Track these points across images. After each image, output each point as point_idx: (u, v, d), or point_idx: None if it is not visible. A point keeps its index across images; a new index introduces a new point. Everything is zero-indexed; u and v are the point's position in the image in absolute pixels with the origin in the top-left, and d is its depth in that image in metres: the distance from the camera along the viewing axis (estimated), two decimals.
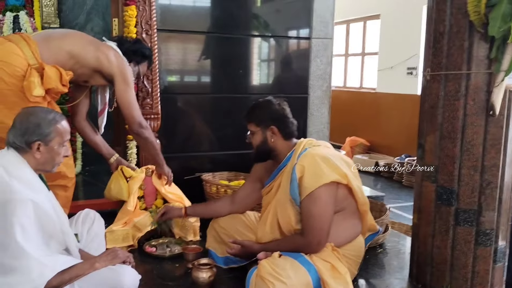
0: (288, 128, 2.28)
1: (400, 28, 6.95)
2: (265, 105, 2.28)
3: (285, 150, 2.28)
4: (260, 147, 2.29)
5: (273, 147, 2.28)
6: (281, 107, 2.27)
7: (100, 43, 2.63)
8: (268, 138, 2.26)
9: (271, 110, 2.26)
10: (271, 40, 3.74)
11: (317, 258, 2.07)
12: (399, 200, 5.39)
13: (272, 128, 2.25)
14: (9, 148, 1.85)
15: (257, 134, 2.28)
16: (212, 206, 2.67)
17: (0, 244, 1.69)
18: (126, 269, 1.91)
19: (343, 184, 2.16)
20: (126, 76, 2.58)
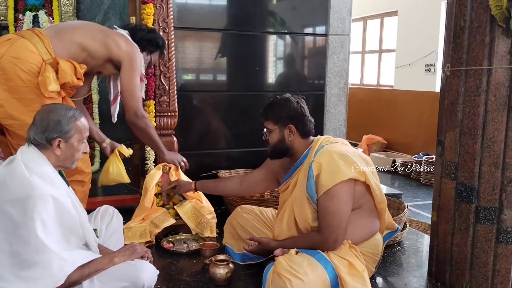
0: (306, 126, 2.26)
1: (418, 25, 6.87)
2: (283, 103, 2.26)
3: (302, 148, 2.27)
4: (277, 145, 2.28)
5: (290, 146, 2.27)
6: (299, 105, 2.26)
7: (110, 31, 2.62)
8: (286, 136, 2.25)
9: (289, 108, 2.24)
10: (287, 37, 3.72)
11: (334, 255, 2.06)
12: (417, 199, 5.34)
13: (290, 126, 2.23)
14: (30, 144, 1.87)
15: (274, 133, 2.27)
16: (220, 184, 2.73)
17: (22, 239, 1.72)
18: (144, 264, 1.93)
19: (361, 182, 2.15)
20: (133, 62, 2.55)
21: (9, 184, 1.77)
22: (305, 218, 2.17)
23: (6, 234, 1.73)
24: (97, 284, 1.82)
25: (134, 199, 3.02)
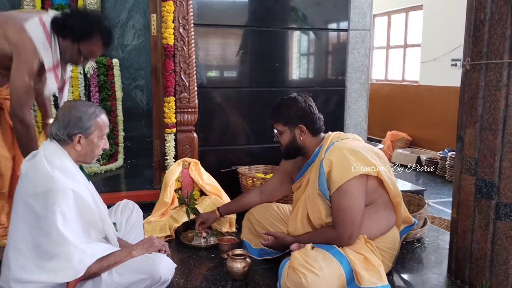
0: (315, 124, 2.26)
1: (444, 19, 6.73)
2: (291, 103, 2.26)
3: (314, 146, 2.27)
4: (289, 146, 2.29)
5: (302, 145, 2.27)
6: (307, 103, 2.26)
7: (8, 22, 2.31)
8: (297, 136, 2.26)
9: (297, 108, 2.24)
10: (307, 32, 3.71)
11: (350, 250, 2.06)
12: (441, 196, 5.25)
13: (300, 126, 2.24)
14: (52, 140, 1.93)
15: (285, 134, 2.28)
16: (242, 202, 2.70)
17: (44, 231, 1.78)
18: (161, 257, 1.97)
19: (373, 176, 2.13)
20: (20, 54, 2.25)
21: (32, 178, 1.84)
22: (318, 215, 2.18)
23: (29, 226, 1.80)
24: (116, 276, 1.87)
25: (154, 195, 3.07)
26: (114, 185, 3.94)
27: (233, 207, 2.72)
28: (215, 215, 2.69)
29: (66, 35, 2.30)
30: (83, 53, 2.36)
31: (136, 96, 6.20)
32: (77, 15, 2.34)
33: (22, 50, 2.25)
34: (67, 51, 2.36)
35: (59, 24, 2.29)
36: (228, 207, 2.72)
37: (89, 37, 2.32)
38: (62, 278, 1.76)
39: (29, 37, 2.24)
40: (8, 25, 2.28)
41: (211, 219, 2.69)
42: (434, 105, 6.98)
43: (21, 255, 1.79)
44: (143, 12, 5.97)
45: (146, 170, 4.18)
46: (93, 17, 2.37)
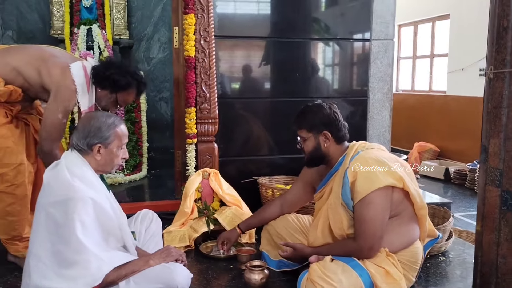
0: (340, 131, 2.23)
1: (471, 28, 6.60)
2: (316, 110, 2.24)
3: (338, 154, 2.23)
4: (313, 153, 2.25)
5: (326, 152, 2.24)
6: (332, 110, 2.23)
7: (52, 58, 2.44)
8: (321, 143, 2.22)
9: (322, 115, 2.21)
10: (329, 42, 3.70)
11: (370, 263, 2.01)
12: (470, 209, 5.10)
13: (325, 133, 2.21)
14: (73, 149, 1.97)
15: (309, 140, 2.25)
16: (262, 216, 2.62)
17: (63, 239, 1.81)
18: (178, 267, 1.98)
19: (399, 188, 2.08)
20: (58, 94, 2.35)
21: (53, 187, 1.88)
22: (340, 226, 2.14)
23: (49, 234, 1.83)
24: (133, 285, 1.89)
25: (176, 205, 3.09)
26: (137, 195, 4.00)
27: (254, 222, 2.66)
28: (236, 233, 2.62)
29: (106, 86, 2.46)
30: (119, 101, 2.52)
31: (161, 107, 6.31)
32: (117, 67, 2.48)
33: (63, 88, 2.36)
34: (103, 99, 2.50)
35: (100, 76, 2.44)
36: (249, 222, 2.65)
37: (127, 89, 2.49)
38: (80, 286, 1.78)
39: (72, 77, 2.36)
40: (52, 63, 2.40)
41: (233, 238, 2.63)
42: (463, 116, 6.83)
43: (41, 262, 1.82)
44: (168, 26, 6.09)
45: (169, 180, 4.22)
46: (131, 70, 2.53)
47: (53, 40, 5.46)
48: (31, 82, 2.40)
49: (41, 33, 5.77)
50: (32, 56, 2.43)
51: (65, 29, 5.15)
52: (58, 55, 2.51)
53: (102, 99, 2.50)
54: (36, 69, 2.39)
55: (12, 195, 2.36)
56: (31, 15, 5.80)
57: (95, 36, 4.94)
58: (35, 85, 2.41)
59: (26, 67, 2.39)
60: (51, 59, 2.42)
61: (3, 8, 5.73)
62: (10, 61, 2.39)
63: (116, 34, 5.44)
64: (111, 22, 5.35)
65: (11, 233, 2.46)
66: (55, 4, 5.34)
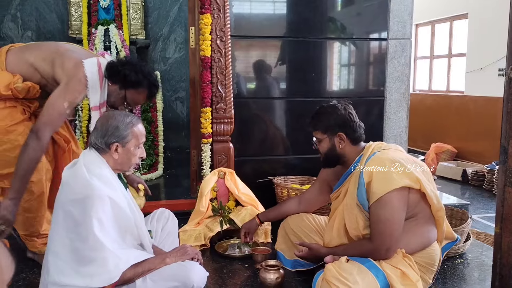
0: (356, 132, 2.21)
1: (490, 27, 6.51)
2: (331, 111, 2.22)
3: (354, 155, 2.22)
4: (328, 154, 2.25)
5: (342, 153, 2.23)
6: (347, 111, 2.21)
7: (67, 52, 2.43)
8: (336, 144, 2.21)
9: (337, 116, 2.20)
10: (345, 42, 3.68)
11: (387, 264, 1.99)
12: (488, 210, 5.03)
13: (340, 134, 2.19)
14: (91, 148, 2.00)
15: (324, 142, 2.24)
16: (281, 210, 2.67)
17: (81, 236, 1.83)
18: (194, 265, 1.98)
19: (416, 189, 2.06)
20: (68, 83, 2.32)
21: (71, 185, 1.90)
22: (356, 226, 2.12)
23: (67, 232, 1.85)
24: (150, 282, 1.90)
25: (191, 204, 3.11)
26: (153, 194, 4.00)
27: (272, 214, 2.69)
28: (255, 222, 2.67)
29: (117, 80, 2.42)
30: (128, 100, 2.47)
31: (177, 107, 6.35)
32: (132, 64, 2.44)
33: (73, 80, 2.33)
34: (112, 94, 2.46)
35: (114, 69, 2.40)
36: (267, 214, 2.70)
37: (137, 87, 2.43)
38: (97, 283, 1.80)
39: (84, 72, 2.34)
40: (67, 57, 2.39)
41: (253, 227, 2.68)
42: (481, 116, 6.73)
43: (59, 259, 1.85)
44: (184, 26, 6.12)
45: (185, 180, 4.25)
46: (146, 70, 2.47)
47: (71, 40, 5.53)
48: (46, 76, 2.39)
49: (60, 33, 5.86)
50: (48, 51, 2.43)
51: (83, 30, 5.22)
52: (74, 49, 2.52)
53: (111, 94, 2.46)
54: (50, 62, 2.37)
55: (29, 191, 2.39)
56: (49, 16, 5.89)
57: (112, 36, 5.00)
58: (49, 79, 2.39)
59: (42, 62, 2.38)
60: (66, 53, 2.41)
61: (22, 9, 5.82)
62: (28, 58, 2.40)
63: (133, 34, 5.50)
64: (128, 22, 5.41)
65: (29, 229, 2.50)
66: (73, 5, 5.41)
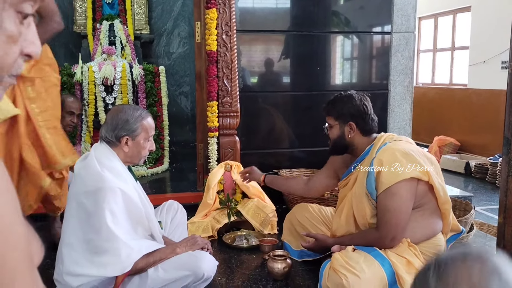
0: (367, 125, 2.24)
1: (493, 20, 6.51)
2: (346, 99, 2.25)
3: (364, 145, 2.25)
4: (337, 141, 2.29)
5: (350, 142, 2.26)
6: (362, 102, 2.24)
7: None
8: (346, 133, 2.25)
9: (351, 106, 2.23)
10: (349, 36, 3.71)
11: (392, 253, 2.04)
12: (491, 202, 5.05)
13: (350, 123, 2.23)
14: (102, 142, 2.04)
15: (334, 128, 2.28)
16: (287, 183, 2.73)
17: (94, 227, 1.88)
18: (204, 255, 2.03)
19: (424, 181, 2.10)
20: None
21: (83, 177, 1.95)
22: (363, 214, 2.17)
23: (80, 223, 1.90)
24: (161, 272, 1.95)
25: (198, 197, 3.15)
26: (160, 187, 4.07)
27: (278, 182, 2.73)
28: (259, 176, 2.70)
29: None
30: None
31: (181, 102, 6.38)
32: None
33: None
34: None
35: None
36: (273, 179, 2.72)
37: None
38: (110, 272, 1.85)
39: None
40: None
41: (255, 176, 2.72)
42: (484, 109, 6.75)
43: (74, 250, 1.89)
44: (188, 21, 6.14)
45: (190, 173, 4.29)
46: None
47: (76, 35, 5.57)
48: None
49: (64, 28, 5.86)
50: None
51: (87, 25, 5.24)
52: None
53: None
54: None
55: None
56: None
57: (117, 32, 5.03)
58: None
59: None
60: None
61: None
62: None
63: (137, 29, 5.52)
64: (132, 17, 5.44)
65: None
66: (78, 0, 5.44)
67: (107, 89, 4.37)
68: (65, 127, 3.44)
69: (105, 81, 4.33)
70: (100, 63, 4.43)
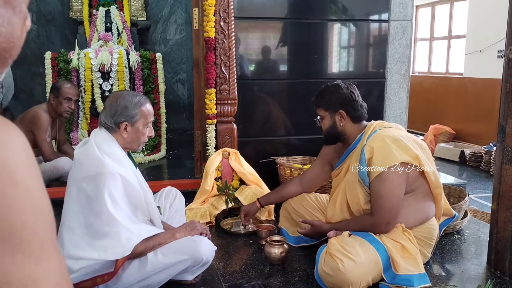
0: (357, 111, 2.28)
1: (490, 9, 6.52)
2: (333, 89, 2.30)
3: (355, 132, 2.29)
4: (329, 131, 2.33)
5: (342, 131, 2.30)
6: (349, 90, 2.28)
7: None
8: (337, 122, 2.29)
9: (339, 95, 2.28)
10: (347, 24, 3.71)
11: (387, 238, 2.08)
12: (485, 190, 5.12)
13: (340, 112, 2.27)
14: (101, 127, 2.05)
15: (326, 119, 2.32)
16: (282, 192, 2.70)
17: (95, 212, 1.90)
18: (203, 239, 2.06)
19: (415, 166, 2.14)
20: None
21: (83, 163, 1.96)
22: (357, 201, 2.20)
23: (81, 207, 1.93)
24: (161, 256, 1.98)
25: (195, 183, 3.18)
26: (157, 174, 4.10)
27: (273, 198, 2.73)
28: (255, 206, 2.69)
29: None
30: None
31: (178, 89, 6.38)
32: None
33: None
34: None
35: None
36: (268, 198, 2.73)
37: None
38: (111, 255, 1.87)
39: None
40: None
41: (252, 211, 2.71)
42: (479, 98, 6.79)
43: (74, 234, 1.92)
44: (184, 7, 6.11)
45: (187, 160, 4.32)
46: None
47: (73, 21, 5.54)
48: None
49: (60, 15, 5.85)
50: None
51: (84, 11, 5.22)
52: None
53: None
54: None
55: None
56: None
57: (113, 18, 5.01)
58: None
59: None
60: None
61: None
62: None
63: (133, 15, 5.50)
64: (128, 3, 5.41)
65: None
66: None
67: (103, 75, 4.36)
68: (63, 113, 3.45)
69: (101, 68, 4.32)
70: (97, 50, 4.42)
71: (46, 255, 0.47)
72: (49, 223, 0.49)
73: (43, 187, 0.50)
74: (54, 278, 0.48)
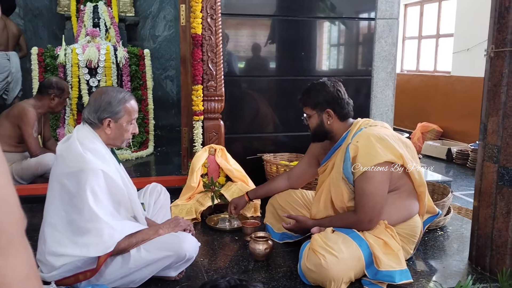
0: (344, 109, 2.29)
1: (477, 8, 6.57)
2: (320, 88, 2.30)
3: (341, 130, 2.30)
4: (317, 129, 2.34)
5: (330, 129, 2.31)
6: (335, 88, 2.29)
7: None
8: (325, 120, 2.30)
9: (326, 93, 2.28)
10: (334, 21, 3.72)
11: (370, 234, 2.10)
12: (471, 187, 5.15)
13: (328, 111, 2.28)
14: (84, 123, 2.05)
15: (313, 117, 2.33)
16: (270, 187, 2.72)
17: (77, 208, 1.89)
18: (186, 236, 2.06)
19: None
20: None
21: (66, 159, 1.95)
22: (341, 199, 2.22)
23: (63, 204, 1.92)
24: (144, 252, 1.97)
25: (182, 180, 3.18)
26: (144, 171, 4.09)
27: (261, 191, 2.75)
28: (244, 199, 2.72)
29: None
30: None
31: (166, 86, 6.35)
32: None
33: None
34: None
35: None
36: (256, 191, 2.76)
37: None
38: (93, 252, 1.87)
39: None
40: None
41: (241, 203, 2.72)
42: (467, 96, 6.85)
43: (56, 230, 1.91)
44: (173, 3, 6.09)
45: (175, 157, 4.31)
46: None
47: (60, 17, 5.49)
48: None
49: (48, 10, 5.80)
50: None
51: (71, 6, 5.18)
52: None
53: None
54: None
55: None
56: None
57: (101, 13, 4.97)
58: None
59: None
60: None
61: None
62: None
63: (122, 11, 5.47)
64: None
65: None
66: None
67: (91, 71, 4.34)
68: (57, 111, 3.56)
69: (88, 64, 4.29)
70: (84, 45, 4.39)
71: (14, 250, 0.48)
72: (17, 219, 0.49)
73: (10, 183, 0.50)
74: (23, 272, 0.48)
